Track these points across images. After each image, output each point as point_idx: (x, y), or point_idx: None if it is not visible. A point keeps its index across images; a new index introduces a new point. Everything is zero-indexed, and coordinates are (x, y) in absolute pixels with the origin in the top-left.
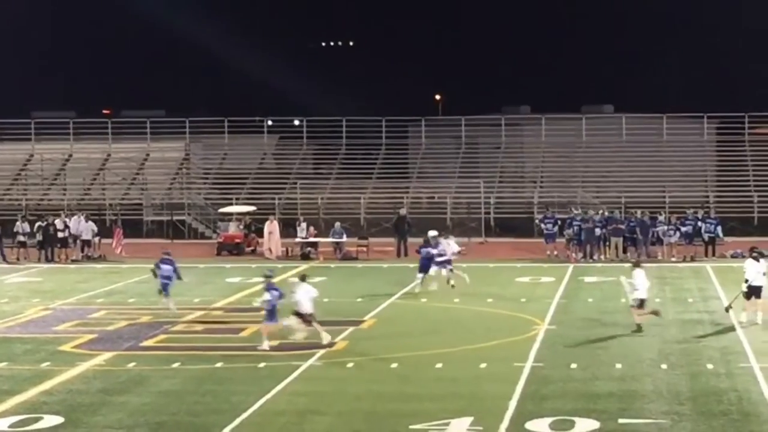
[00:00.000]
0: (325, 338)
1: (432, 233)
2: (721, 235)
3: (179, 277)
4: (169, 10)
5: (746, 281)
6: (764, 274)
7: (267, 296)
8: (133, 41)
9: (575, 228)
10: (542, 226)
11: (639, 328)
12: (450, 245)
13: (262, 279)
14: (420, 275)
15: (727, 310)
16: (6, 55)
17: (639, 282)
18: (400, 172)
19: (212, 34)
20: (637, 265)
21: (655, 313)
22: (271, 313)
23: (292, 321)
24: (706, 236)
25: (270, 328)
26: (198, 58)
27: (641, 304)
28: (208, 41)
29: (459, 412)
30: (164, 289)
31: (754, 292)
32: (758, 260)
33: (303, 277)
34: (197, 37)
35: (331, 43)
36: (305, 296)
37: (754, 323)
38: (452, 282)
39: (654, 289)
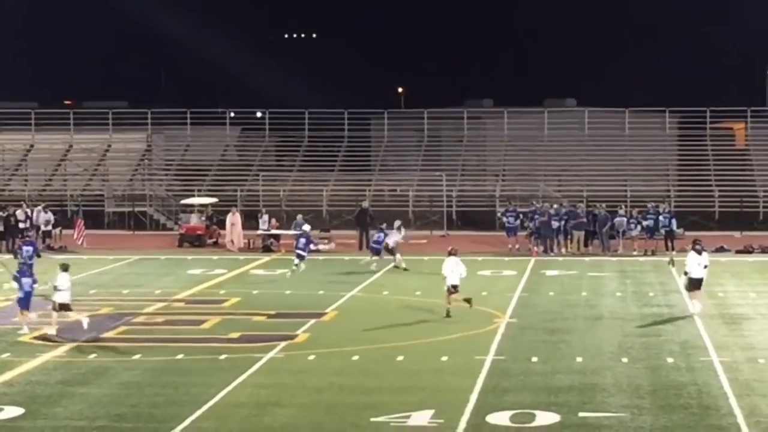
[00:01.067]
0: (85, 323)
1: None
2: (675, 228)
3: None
4: (131, 0)
5: (686, 273)
6: (705, 266)
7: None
8: (95, 32)
9: (536, 222)
10: (504, 219)
11: (447, 313)
12: (393, 234)
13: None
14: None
15: (669, 263)
16: None
17: (448, 269)
18: (363, 165)
19: (175, 25)
20: (451, 253)
21: (467, 300)
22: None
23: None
24: (662, 230)
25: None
26: (161, 49)
27: (452, 289)
28: (171, 32)
29: (420, 405)
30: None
31: (694, 284)
32: (700, 253)
33: (65, 267)
34: (160, 28)
35: (294, 35)
36: (66, 285)
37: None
38: (404, 265)
39: (614, 283)
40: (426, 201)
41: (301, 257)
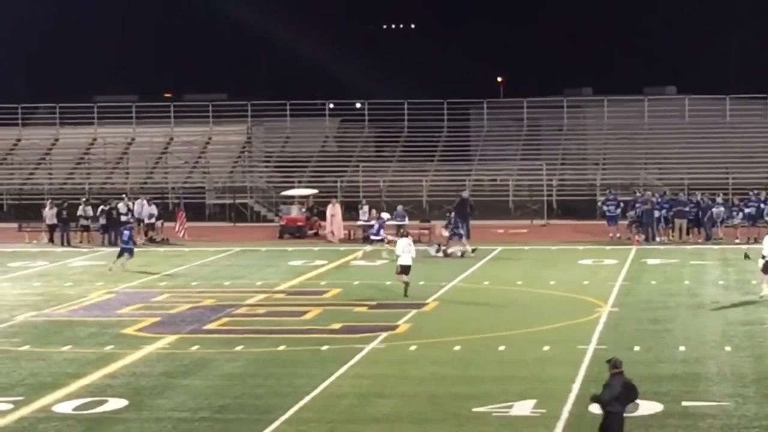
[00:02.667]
0: None
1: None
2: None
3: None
4: None
5: (763, 257)
6: None
7: None
8: (195, 25)
9: (638, 210)
10: (605, 208)
11: (405, 292)
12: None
13: None
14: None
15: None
16: (69, 39)
17: (400, 249)
18: (462, 155)
19: (275, 17)
20: (402, 234)
21: (406, 286)
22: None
23: None
24: (766, 218)
25: None
26: (260, 41)
27: (401, 270)
28: (270, 25)
29: (522, 395)
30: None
31: None
32: None
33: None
34: (259, 20)
35: (393, 26)
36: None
37: None
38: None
39: (717, 271)
40: (526, 190)
41: (371, 241)
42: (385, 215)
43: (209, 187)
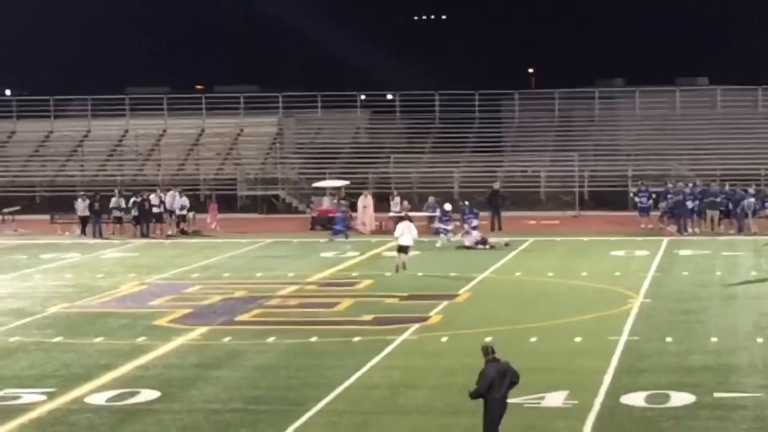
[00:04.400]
0: None
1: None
2: None
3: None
4: None
5: None
6: None
7: None
8: (226, 17)
9: (670, 201)
10: (636, 199)
11: (396, 269)
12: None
13: None
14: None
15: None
16: (101, 31)
17: (400, 231)
18: (494, 146)
19: (305, 9)
20: (404, 218)
21: (402, 266)
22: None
23: None
24: None
25: None
26: (291, 33)
27: (399, 249)
28: (301, 16)
29: (554, 386)
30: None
31: None
32: None
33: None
34: (290, 12)
35: (424, 17)
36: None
37: None
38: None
39: (749, 262)
40: (558, 181)
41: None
42: (447, 206)
43: (241, 179)
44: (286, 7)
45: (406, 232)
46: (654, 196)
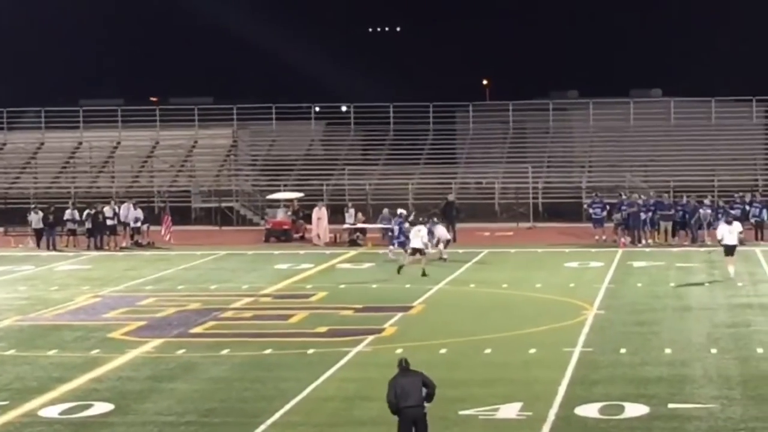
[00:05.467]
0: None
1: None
2: (766, 218)
3: None
4: None
5: (719, 241)
6: (740, 233)
7: None
8: (181, 29)
9: (624, 213)
10: (591, 210)
11: (398, 270)
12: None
13: None
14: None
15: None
16: (55, 43)
17: (411, 234)
18: (448, 158)
19: (259, 21)
20: (414, 222)
21: (399, 269)
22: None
23: None
24: (753, 220)
25: None
26: (246, 45)
27: (412, 251)
28: (255, 28)
29: (508, 398)
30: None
31: (728, 251)
32: (730, 224)
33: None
34: (245, 24)
35: (378, 29)
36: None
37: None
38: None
39: (702, 274)
40: (512, 193)
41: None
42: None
43: (195, 191)
44: (240, 18)
45: (416, 236)
46: (608, 207)
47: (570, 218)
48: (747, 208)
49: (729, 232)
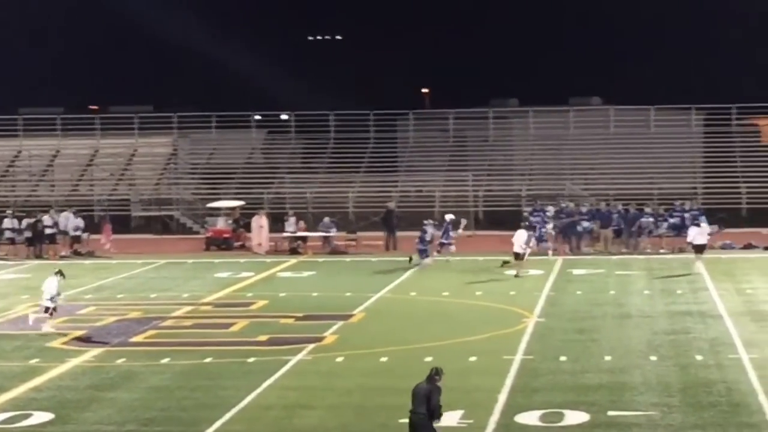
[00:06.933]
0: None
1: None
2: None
3: None
4: (155, 5)
5: (689, 243)
6: (709, 234)
7: None
8: (120, 37)
9: (564, 221)
10: (531, 218)
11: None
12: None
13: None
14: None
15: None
16: None
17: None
18: (389, 166)
19: (199, 29)
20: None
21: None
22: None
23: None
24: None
25: None
26: (186, 53)
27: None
28: (195, 37)
29: (449, 406)
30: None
31: (698, 249)
32: (699, 225)
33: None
34: (184, 32)
35: (318, 38)
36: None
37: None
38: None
39: (642, 281)
40: (452, 201)
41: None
42: (448, 216)
43: (135, 200)
44: (180, 27)
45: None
46: (549, 215)
47: (510, 226)
48: (686, 216)
49: (699, 233)
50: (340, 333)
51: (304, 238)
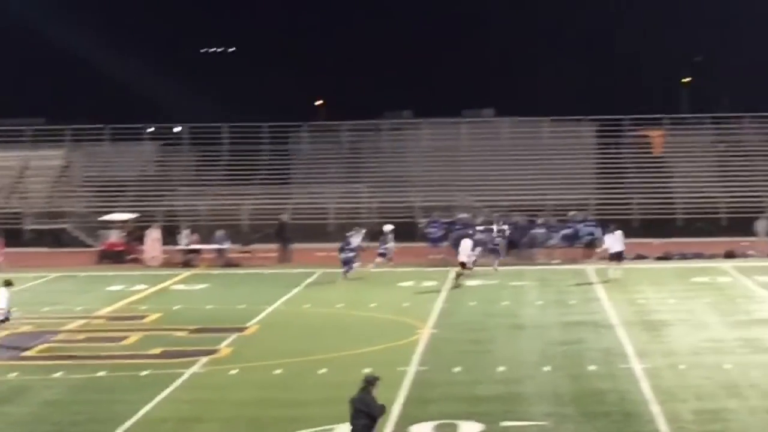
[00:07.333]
0: None
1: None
2: (600, 236)
3: None
4: (47, 16)
5: (605, 250)
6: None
7: None
8: (10, 48)
9: (459, 232)
10: (427, 230)
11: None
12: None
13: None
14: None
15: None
16: None
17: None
18: (283, 178)
19: (92, 41)
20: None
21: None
22: None
23: None
24: (585, 239)
25: None
26: (78, 65)
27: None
28: (88, 49)
29: (343, 417)
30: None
31: (614, 257)
32: (613, 233)
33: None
34: (78, 44)
35: (212, 50)
36: None
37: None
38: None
39: (535, 292)
40: (346, 213)
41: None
42: (387, 227)
43: (27, 213)
44: (72, 39)
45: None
46: (444, 227)
47: (405, 238)
48: (578, 227)
49: (615, 241)
50: (234, 345)
51: (197, 251)
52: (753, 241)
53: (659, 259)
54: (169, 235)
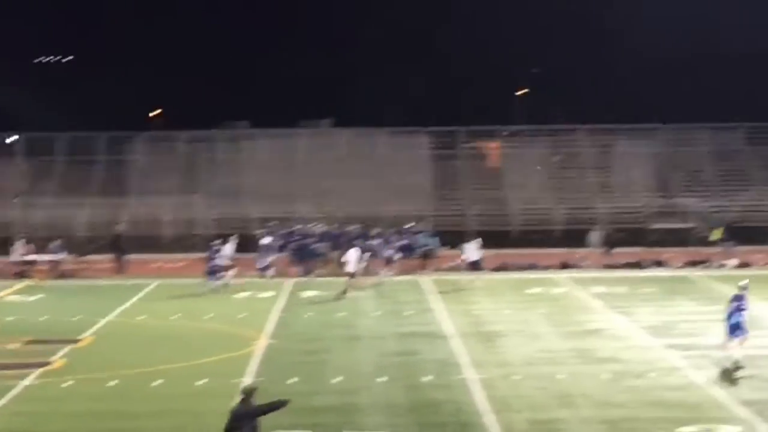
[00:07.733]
0: None
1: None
2: (437, 247)
3: None
4: None
5: (463, 260)
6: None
7: None
8: None
9: (296, 243)
10: (262, 241)
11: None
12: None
13: None
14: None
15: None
16: None
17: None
18: (119, 189)
19: None
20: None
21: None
22: None
23: None
24: (421, 250)
25: None
26: None
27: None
28: None
29: (179, 429)
30: None
31: (474, 266)
32: (469, 242)
33: None
34: None
35: (48, 58)
36: None
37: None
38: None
39: (372, 303)
40: (183, 224)
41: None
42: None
43: None
44: None
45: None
46: (280, 238)
47: (241, 249)
48: (415, 238)
49: (474, 251)
50: (69, 357)
51: (32, 262)
52: (587, 252)
53: (495, 270)
54: (3, 246)
